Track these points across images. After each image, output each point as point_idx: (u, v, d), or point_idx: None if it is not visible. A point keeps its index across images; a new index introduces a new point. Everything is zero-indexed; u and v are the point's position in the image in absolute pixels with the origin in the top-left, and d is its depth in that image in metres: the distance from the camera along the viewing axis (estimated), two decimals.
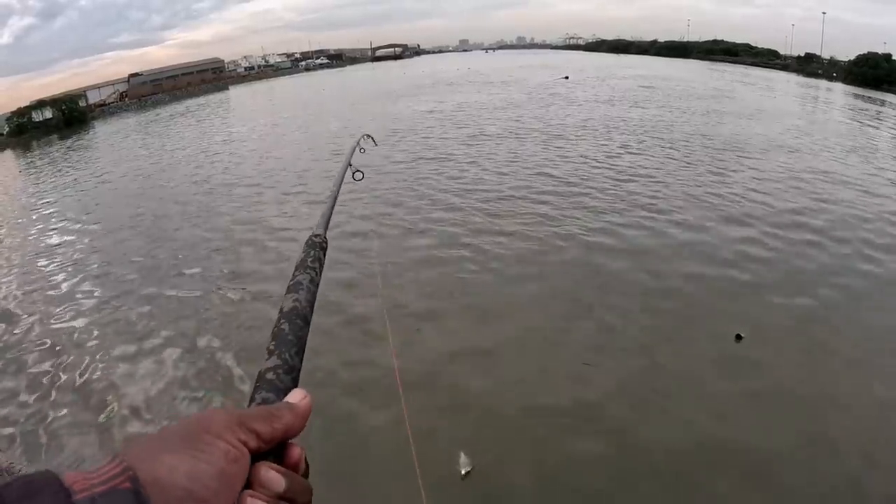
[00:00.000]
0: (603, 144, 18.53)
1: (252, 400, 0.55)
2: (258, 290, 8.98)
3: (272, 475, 0.45)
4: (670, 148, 17.83)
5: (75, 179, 21.89)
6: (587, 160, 16.19)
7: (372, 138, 1.74)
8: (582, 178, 14.23)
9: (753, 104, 29.97)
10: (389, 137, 21.63)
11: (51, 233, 14.52)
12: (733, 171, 14.89)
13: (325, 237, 0.95)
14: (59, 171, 25.16)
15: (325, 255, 0.90)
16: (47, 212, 17.05)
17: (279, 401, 0.54)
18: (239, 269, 10.15)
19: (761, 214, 11.34)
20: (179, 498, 0.38)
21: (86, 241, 13.21)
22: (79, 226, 14.59)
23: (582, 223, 11.00)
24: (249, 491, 0.43)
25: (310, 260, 0.83)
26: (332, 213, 1.12)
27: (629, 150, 17.48)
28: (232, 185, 17.16)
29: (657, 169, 15.10)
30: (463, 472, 4.73)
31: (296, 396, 0.54)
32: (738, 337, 6.94)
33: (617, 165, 15.51)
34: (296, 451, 0.50)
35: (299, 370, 0.62)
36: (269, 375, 0.58)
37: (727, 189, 13.09)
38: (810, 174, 14.69)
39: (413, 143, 20.78)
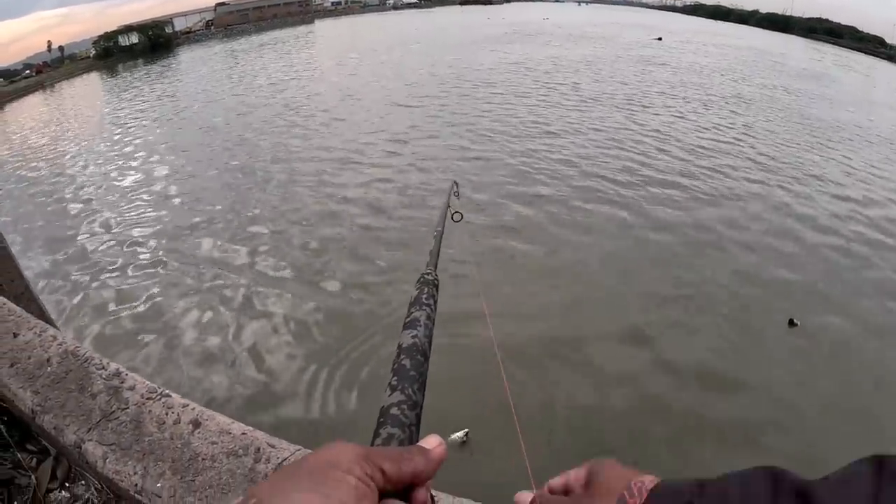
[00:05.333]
0: (702, 120, 16.81)
1: (377, 435, 0.52)
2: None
3: None
4: (766, 130, 16.00)
5: (152, 105, 22.48)
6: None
7: (457, 184, 1.64)
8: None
9: (858, 92, 26.96)
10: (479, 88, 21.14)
11: (129, 148, 15.41)
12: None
13: (436, 275, 0.91)
14: (141, 93, 26.03)
15: (437, 291, 0.86)
16: (127, 131, 17.83)
17: (404, 435, 0.52)
18: None
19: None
20: None
21: (158, 164, 13.84)
22: (155, 153, 14.92)
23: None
24: None
25: (424, 297, 0.80)
26: (439, 252, 1.07)
27: (725, 130, 15.75)
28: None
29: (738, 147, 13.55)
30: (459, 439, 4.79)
31: (431, 442, 0.48)
32: (792, 323, 6.76)
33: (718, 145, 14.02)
34: (421, 495, 0.44)
35: (422, 406, 0.58)
36: (394, 411, 0.55)
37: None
38: None
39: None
